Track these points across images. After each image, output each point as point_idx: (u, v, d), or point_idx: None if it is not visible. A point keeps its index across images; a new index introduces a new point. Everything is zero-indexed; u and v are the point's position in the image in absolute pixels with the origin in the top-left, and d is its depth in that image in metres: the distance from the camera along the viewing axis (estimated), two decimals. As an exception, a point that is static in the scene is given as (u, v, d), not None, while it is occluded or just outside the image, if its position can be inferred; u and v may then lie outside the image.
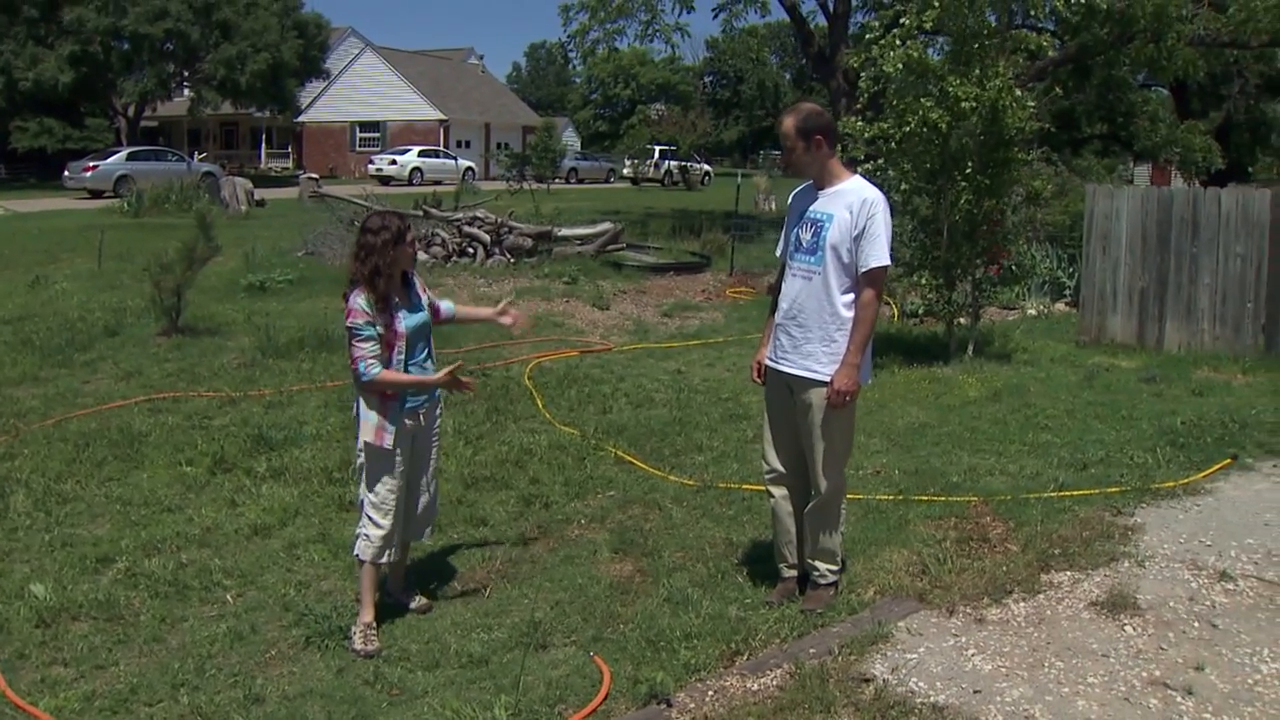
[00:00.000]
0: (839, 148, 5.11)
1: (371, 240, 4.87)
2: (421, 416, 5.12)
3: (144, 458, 7.52)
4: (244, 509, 6.56)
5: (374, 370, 4.85)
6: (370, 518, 5.01)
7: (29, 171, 47.33)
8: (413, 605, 5.26)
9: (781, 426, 5.14)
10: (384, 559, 5.04)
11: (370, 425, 4.95)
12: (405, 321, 4.94)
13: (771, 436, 5.21)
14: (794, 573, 5.26)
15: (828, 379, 4.83)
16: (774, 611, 4.99)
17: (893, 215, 4.96)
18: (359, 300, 4.84)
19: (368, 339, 4.84)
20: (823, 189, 4.95)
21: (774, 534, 5.33)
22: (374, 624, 4.98)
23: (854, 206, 4.80)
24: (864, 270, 4.79)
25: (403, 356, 4.94)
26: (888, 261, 4.80)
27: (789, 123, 4.92)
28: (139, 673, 4.66)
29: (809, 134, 4.88)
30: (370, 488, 5.02)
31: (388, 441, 4.95)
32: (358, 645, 4.86)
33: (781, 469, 5.18)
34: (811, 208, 4.95)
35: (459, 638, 4.90)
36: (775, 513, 5.26)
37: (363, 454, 5.02)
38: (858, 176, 4.99)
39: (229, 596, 5.43)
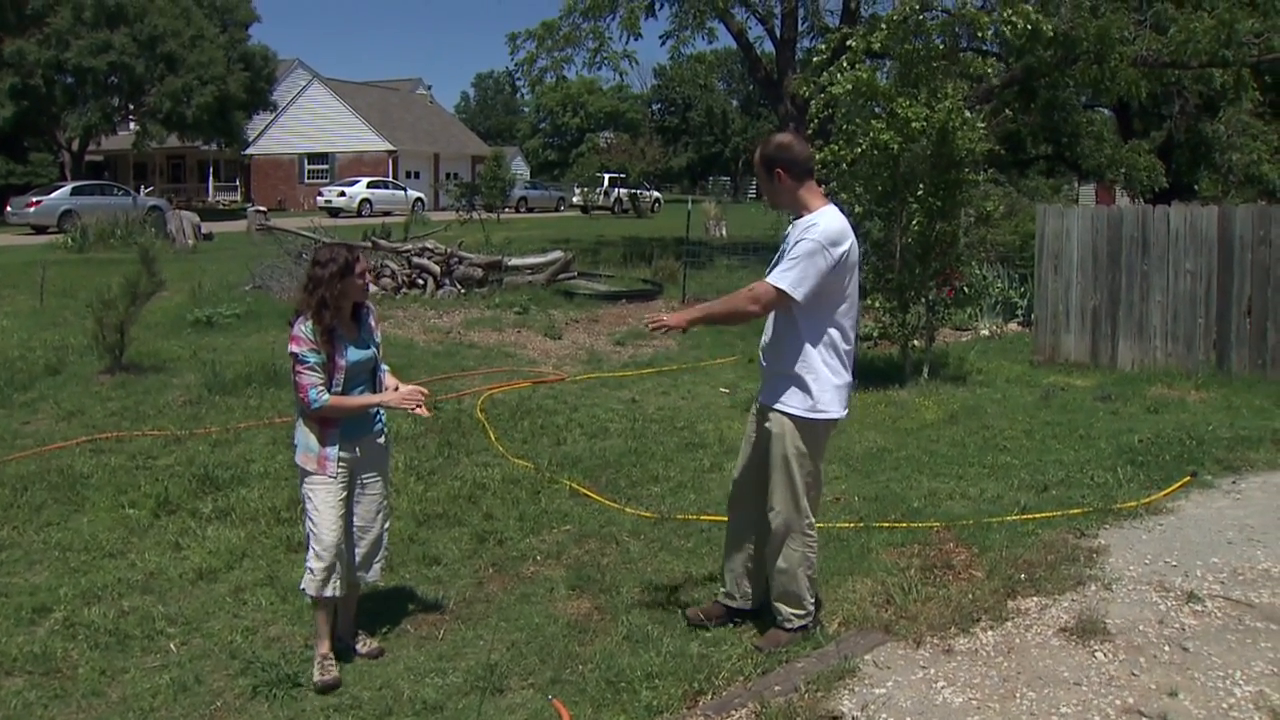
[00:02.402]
0: (809, 178, 4.92)
1: (319, 273, 4.79)
2: (358, 448, 4.97)
3: (85, 501, 7.27)
4: (189, 552, 6.33)
5: (324, 398, 4.76)
6: (312, 549, 4.88)
7: (-30, 208, 46.54)
8: (361, 650, 5.09)
9: (750, 451, 5.08)
10: (328, 592, 4.87)
11: (310, 454, 4.85)
12: (348, 356, 4.85)
13: (741, 458, 5.16)
14: (731, 602, 5.19)
15: (788, 409, 4.75)
16: (736, 648, 4.86)
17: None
18: (303, 327, 4.77)
19: (313, 366, 4.75)
20: (795, 220, 4.85)
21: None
22: (330, 654, 4.86)
23: (799, 234, 4.69)
24: (766, 279, 4.69)
25: (340, 390, 4.84)
26: (783, 287, 4.60)
27: (757, 155, 4.89)
28: (76, 729, 4.45)
29: (769, 166, 4.81)
30: (311, 518, 4.89)
31: (330, 469, 4.85)
32: (316, 676, 4.75)
33: (739, 492, 5.14)
34: (787, 237, 4.85)
35: (412, 683, 4.73)
36: (726, 533, 5.26)
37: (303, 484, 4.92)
38: (825, 208, 4.79)
39: (172, 645, 5.21)
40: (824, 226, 4.67)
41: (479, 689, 4.60)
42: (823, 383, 4.74)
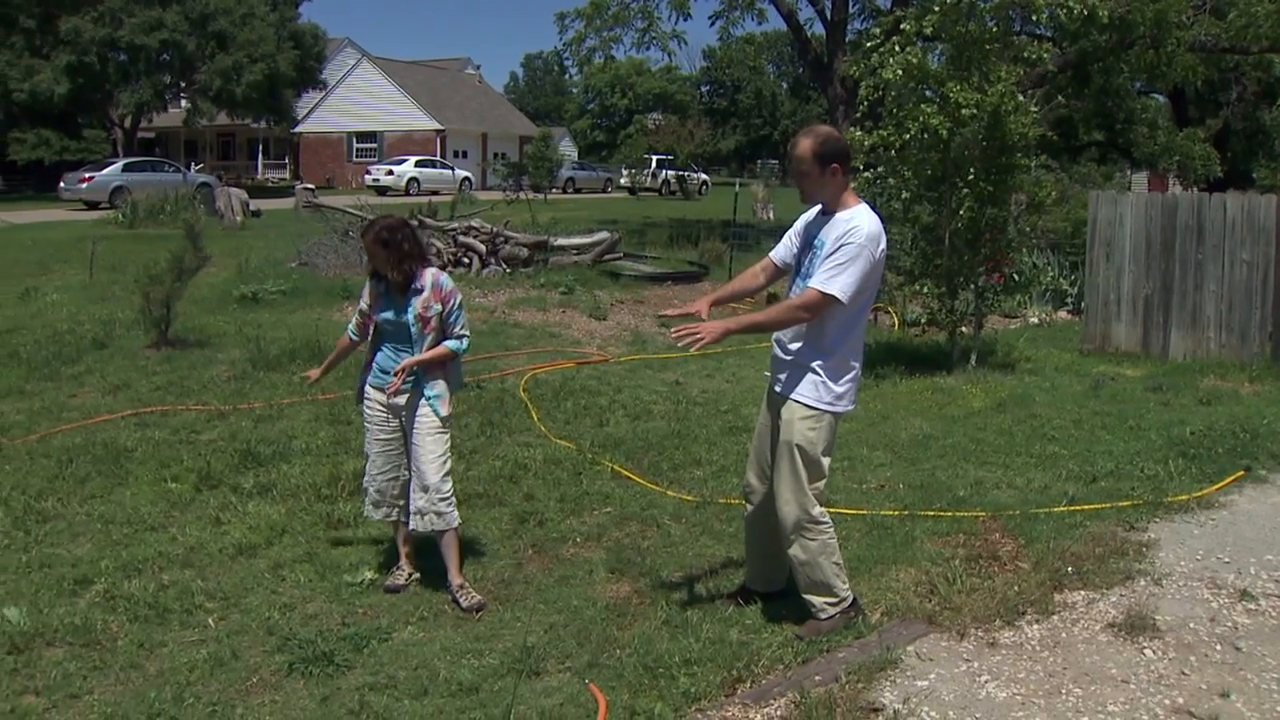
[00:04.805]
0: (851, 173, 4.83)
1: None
2: (389, 393, 5.42)
3: (128, 474, 7.31)
4: (229, 527, 6.35)
5: (347, 332, 5.74)
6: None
7: (27, 183, 47.03)
8: (463, 603, 5.31)
9: (761, 441, 5.05)
10: (375, 516, 5.69)
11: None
12: (380, 314, 5.45)
13: (752, 449, 5.14)
14: (755, 587, 5.24)
15: (807, 401, 4.68)
16: (777, 635, 4.79)
17: (892, 224, 4.72)
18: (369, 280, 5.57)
19: (359, 309, 5.59)
20: (830, 214, 4.73)
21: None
22: (405, 566, 5.62)
23: (840, 234, 4.58)
24: (808, 285, 4.60)
25: (370, 340, 5.61)
26: (832, 293, 4.51)
27: (805, 145, 4.66)
28: (114, 702, 4.45)
29: (826, 160, 4.63)
30: None
31: (361, 398, 5.63)
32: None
33: (752, 483, 5.12)
34: (819, 235, 4.72)
35: (448, 664, 4.69)
36: (745, 523, 5.32)
37: None
38: (861, 207, 4.70)
39: (210, 620, 5.21)
40: (867, 228, 4.57)
41: (515, 671, 4.56)
42: (844, 378, 4.70)
